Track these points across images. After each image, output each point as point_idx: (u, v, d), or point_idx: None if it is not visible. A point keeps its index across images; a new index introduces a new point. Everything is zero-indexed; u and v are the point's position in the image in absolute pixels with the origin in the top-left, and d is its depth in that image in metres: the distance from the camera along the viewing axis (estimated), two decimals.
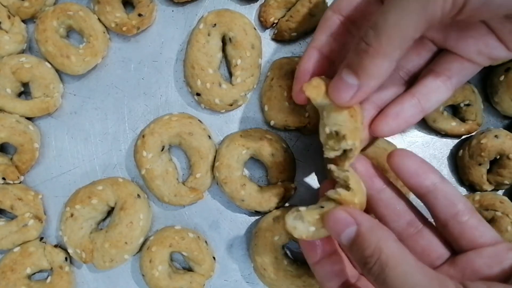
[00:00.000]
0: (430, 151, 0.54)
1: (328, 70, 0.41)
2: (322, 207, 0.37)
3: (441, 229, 0.39)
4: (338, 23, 0.40)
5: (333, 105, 0.38)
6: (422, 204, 0.39)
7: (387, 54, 0.33)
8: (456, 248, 0.38)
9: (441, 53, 0.41)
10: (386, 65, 0.34)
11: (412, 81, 0.42)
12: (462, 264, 0.36)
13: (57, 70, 0.53)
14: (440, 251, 0.38)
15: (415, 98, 0.40)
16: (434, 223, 0.40)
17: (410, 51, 0.41)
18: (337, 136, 0.38)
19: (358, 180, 0.38)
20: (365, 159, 0.41)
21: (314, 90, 0.38)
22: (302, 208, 0.38)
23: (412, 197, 0.42)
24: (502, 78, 0.51)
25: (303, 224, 0.37)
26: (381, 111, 0.42)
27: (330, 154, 0.39)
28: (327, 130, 0.39)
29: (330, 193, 0.37)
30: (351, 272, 0.40)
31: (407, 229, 0.39)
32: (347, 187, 0.37)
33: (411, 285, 0.30)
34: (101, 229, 0.52)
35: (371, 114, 0.42)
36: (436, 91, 0.40)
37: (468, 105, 0.52)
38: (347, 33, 0.41)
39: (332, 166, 0.39)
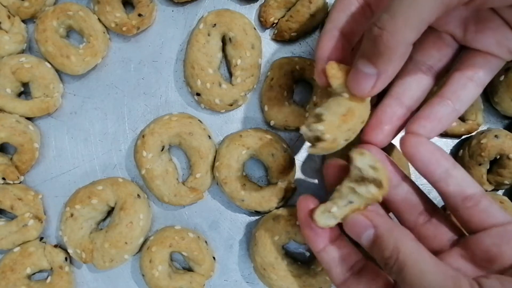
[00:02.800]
0: None
1: (348, 51, 0.40)
2: (351, 202, 0.38)
3: (452, 212, 0.39)
4: (355, 3, 0.39)
5: (350, 96, 0.37)
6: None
7: (402, 37, 0.32)
8: (467, 230, 0.38)
9: (463, 52, 0.41)
10: (402, 49, 0.33)
11: (438, 80, 0.42)
12: (472, 245, 0.36)
13: (57, 70, 0.53)
14: (450, 235, 0.39)
15: (444, 99, 0.40)
16: (444, 207, 0.40)
17: (430, 46, 0.40)
18: (319, 118, 0.37)
19: (387, 174, 0.37)
20: (382, 153, 0.41)
21: (337, 73, 0.37)
22: (330, 205, 0.38)
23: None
24: (502, 78, 0.51)
25: (326, 218, 0.38)
26: (412, 114, 0.41)
27: (303, 129, 0.37)
28: (317, 110, 0.37)
29: (361, 190, 0.37)
30: (358, 255, 0.40)
31: (419, 218, 0.40)
32: (375, 183, 0.36)
33: (427, 283, 0.32)
34: (101, 229, 0.52)
35: (398, 113, 0.41)
36: (463, 89, 0.40)
37: None
38: (364, 16, 0.40)
39: (360, 162, 0.37)
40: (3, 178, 0.50)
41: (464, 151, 0.52)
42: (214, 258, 0.51)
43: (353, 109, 0.37)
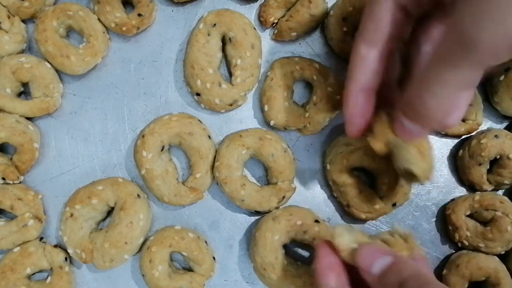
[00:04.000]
0: None
1: (373, 104, 0.41)
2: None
3: None
4: (372, 59, 0.38)
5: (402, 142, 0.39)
6: None
7: (444, 110, 0.33)
8: None
9: None
10: (443, 112, 0.33)
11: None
12: None
13: (57, 70, 0.53)
14: None
15: None
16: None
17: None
18: (410, 174, 0.41)
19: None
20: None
21: (378, 144, 0.40)
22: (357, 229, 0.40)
23: None
24: (502, 78, 0.51)
25: (348, 236, 0.39)
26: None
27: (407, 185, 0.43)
28: (400, 166, 0.42)
29: (392, 241, 0.39)
30: None
31: None
32: (404, 238, 0.39)
33: None
34: (101, 229, 0.52)
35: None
36: None
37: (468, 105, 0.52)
38: (383, 67, 0.39)
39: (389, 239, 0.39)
40: (3, 178, 0.50)
41: (464, 151, 0.52)
42: (214, 258, 0.51)
43: (419, 144, 0.40)
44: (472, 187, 0.53)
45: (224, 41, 0.52)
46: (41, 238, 0.52)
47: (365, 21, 0.37)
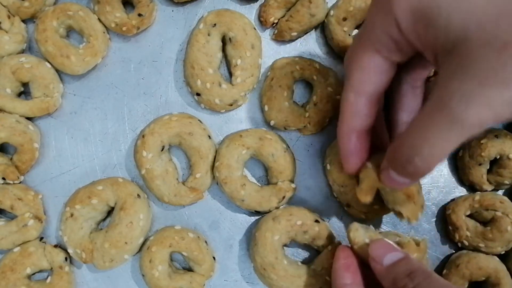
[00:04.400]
0: None
1: (368, 143, 0.42)
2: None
3: None
4: (363, 102, 0.39)
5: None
6: None
7: (433, 163, 0.34)
8: None
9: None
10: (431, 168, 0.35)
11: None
12: None
13: (57, 70, 0.53)
14: None
15: None
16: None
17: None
18: (399, 213, 0.44)
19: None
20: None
21: (366, 197, 0.43)
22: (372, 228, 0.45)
23: None
24: None
25: (363, 232, 0.44)
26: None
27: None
28: (389, 206, 0.45)
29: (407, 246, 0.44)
30: None
31: None
32: (416, 242, 0.44)
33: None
34: (101, 229, 0.52)
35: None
36: None
37: None
38: (374, 113, 0.40)
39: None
40: (3, 178, 0.50)
41: (464, 151, 0.52)
42: (214, 258, 0.51)
43: (406, 189, 0.42)
44: (472, 187, 0.53)
45: (224, 41, 0.52)
46: (41, 238, 0.52)
47: (353, 71, 0.38)
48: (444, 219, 0.53)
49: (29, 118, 0.53)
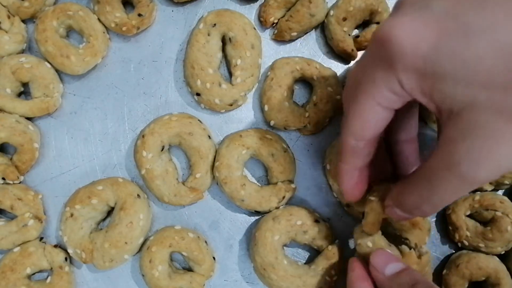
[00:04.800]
0: None
1: (367, 178, 0.42)
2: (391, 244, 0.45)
3: None
4: (364, 145, 0.39)
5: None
6: None
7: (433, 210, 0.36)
8: None
9: None
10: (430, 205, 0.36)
11: None
12: None
13: (57, 70, 0.53)
14: None
15: None
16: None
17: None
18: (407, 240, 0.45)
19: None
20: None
21: (372, 229, 0.43)
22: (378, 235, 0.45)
23: None
24: None
25: (368, 239, 0.44)
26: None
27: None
28: (397, 233, 0.46)
29: (407, 252, 0.45)
30: None
31: None
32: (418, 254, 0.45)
33: None
34: (101, 229, 0.52)
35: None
36: None
37: None
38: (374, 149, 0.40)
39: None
40: (3, 178, 0.50)
41: None
42: (214, 258, 0.51)
43: (413, 219, 0.43)
44: None
45: (224, 41, 0.52)
46: (41, 238, 0.52)
47: (353, 120, 0.37)
48: (444, 219, 0.53)
49: (29, 118, 0.53)
